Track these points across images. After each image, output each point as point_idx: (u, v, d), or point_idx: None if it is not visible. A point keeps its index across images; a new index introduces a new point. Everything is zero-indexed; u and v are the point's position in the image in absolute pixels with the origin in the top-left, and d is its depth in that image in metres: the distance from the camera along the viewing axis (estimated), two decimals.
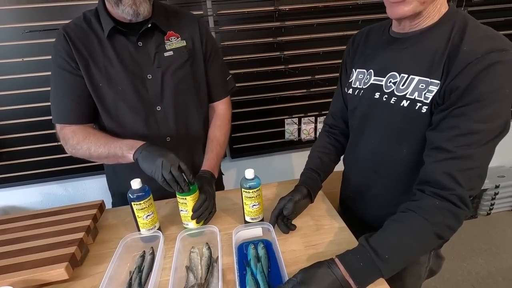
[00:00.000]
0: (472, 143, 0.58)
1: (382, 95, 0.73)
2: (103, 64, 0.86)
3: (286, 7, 1.47)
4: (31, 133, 1.52)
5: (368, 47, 0.81)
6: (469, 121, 0.57)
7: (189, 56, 0.93)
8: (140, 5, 0.80)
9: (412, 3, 0.62)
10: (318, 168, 0.91)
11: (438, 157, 0.61)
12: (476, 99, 0.56)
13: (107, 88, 0.87)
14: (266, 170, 1.75)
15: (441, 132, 0.61)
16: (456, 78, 0.58)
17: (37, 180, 1.64)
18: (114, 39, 0.86)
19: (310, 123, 1.76)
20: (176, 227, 0.88)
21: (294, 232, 0.82)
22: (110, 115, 0.91)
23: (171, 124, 0.95)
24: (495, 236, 1.99)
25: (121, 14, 0.81)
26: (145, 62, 0.89)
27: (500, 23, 1.64)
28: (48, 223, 0.83)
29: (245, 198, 0.80)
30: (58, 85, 0.88)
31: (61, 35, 0.84)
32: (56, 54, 0.86)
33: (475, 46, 0.58)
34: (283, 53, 1.56)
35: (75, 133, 0.88)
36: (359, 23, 1.54)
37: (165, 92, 0.92)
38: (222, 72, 1.05)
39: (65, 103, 0.88)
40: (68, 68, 0.85)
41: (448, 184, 0.59)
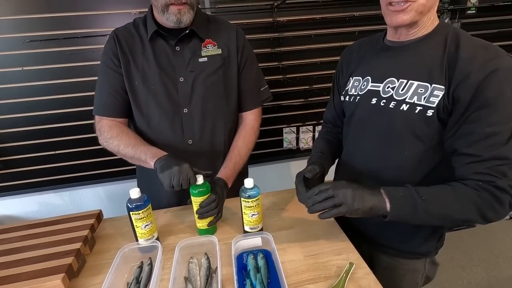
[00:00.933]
0: (494, 144, 0.61)
1: (379, 101, 0.75)
2: (141, 63, 0.93)
3: (284, 19, 1.50)
4: (28, 142, 1.51)
5: (362, 56, 0.84)
6: (482, 126, 0.61)
7: (223, 64, 0.96)
8: (184, 15, 0.86)
9: (410, 13, 0.65)
10: (325, 152, 0.93)
11: (465, 161, 0.64)
12: (484, 105, 0.60)
13: (141, 85, 0.93)
14: (264, 179, 1.75)
15: (460, 139, 0.64)
16: (461, 85, 0.62)
17: (33, 189, 1.62)
18: (155, 42, 0.93)
19: (308, 132, 1.77)
20: (175, 237, 0.87)
21: (293, 242, 0.82)
22: (141, 112, 0.96)
23: (195, 128, 0.97)
24: (494, 245, 1.98)
25: (165, 21, 0.88)
26: (180, 66, 0.94)
27: (493, 35, 1.68)
28: (45, 233, 0.82)
29: (244, 207, 0.80)
30: (102, 80, 0.96)
31: (112, 37, 0.94)
32: (104, 53, 0.95)
33: (473, 54, 0.62)
34: (281, 63, 1.59)
35: (111, 128, 0.94)
36: (356, 34, 1.57)
37: (194, 95, 0.95)
38: (256, 83, 1.06)
39: (105, 97, 0.95)
40: (111, 66, 0.93)
41: (484, 178, 0.62)
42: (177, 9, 0.84)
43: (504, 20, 1.68)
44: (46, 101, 1.46)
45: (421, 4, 0.64)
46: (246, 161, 1.05)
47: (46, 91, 1.44)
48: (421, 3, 0.64)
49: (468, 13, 1.63)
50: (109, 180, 1.68)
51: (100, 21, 1.39)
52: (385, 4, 0.68)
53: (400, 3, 0.65)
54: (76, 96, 1.47)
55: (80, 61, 1.42)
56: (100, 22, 1.39)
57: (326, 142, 0.98)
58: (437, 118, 0.67)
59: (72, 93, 1.47)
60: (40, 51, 1.38)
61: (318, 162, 0.87)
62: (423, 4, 0.65)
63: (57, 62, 1.41)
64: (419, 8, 0.65)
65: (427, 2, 0.65)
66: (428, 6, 0.66)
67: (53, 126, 1.51)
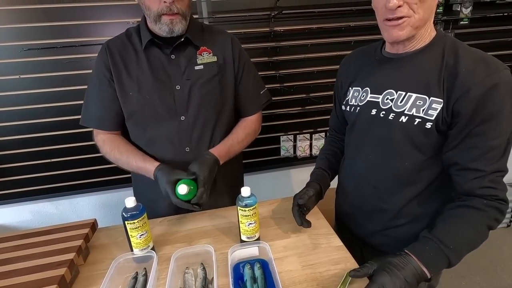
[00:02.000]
0: (495, 157, 0.65)
1: (379, 112, 0.76)
2: (135, 73, 0.93)
3: (281, 28, 1.52)
4: (23, 150, 1.50)
5: (361, 67, 0.85)
6: (486, 140, 0.64)
7: (219, 71, 0.97)
8: (176, 25, 0.87)
9: (406, 28, 0.66)
10: (326, 167, 0.97)
11: (470, 176, 0.66)
12: (486, 119, 0.62)
13: (136, 96, 0.93)
14: (261, 187, 1.74)
15: (463, 153, 0.66)
16: (461, 99, 0.63)
17: (27, 198, 1.60)
18: (149, 51, 0.93)
19: (306, 140, 1.78)
20: (171, 246, 0.86)
21: (290, 251, 0.81)
22: (136, 123, 0.97)
23: (193, 135, 0.97)
24: (492, 253, 1.98)
25: (158, 31, 0.88)
26: (176, 74, 0.93)
27: (485, 45, 1.71)
28: (38, 244, 0.81)
29: (241, 216, 0.80)
30: (93, 92, 0.96)
31: (103, 48, 0.94)
32: (96, 65, 0.95)
33: (473, 68, 0.63)
34: (279, 71, 1.60)
35: (104, 144, 0.97)
36: (352, 44, 1.59)
37: (191, 103, 0.95)
38: (255, 88, 1.07)
39: (98, 110, 0.96)
40: (102, 78, 0.93)
41: (489, 192, 0.66)
42: (169, 19, 0.85)
43: (496, 31, 1.72)
44: (41, 109, 1.45)
45: (417, 19, 0.65)
46: (241, 149, 1.04)
47: (43, 99, 1.44)
48: (417, 18, 0.65)
49: (461, 24, 1.67)
50: (104, 189, 1.67)
51: (99, 30, 1.40)
52: (381, 19, 0.69)
53: (395, 19, 0.66)
54: (73, 104, 1.46)
55: (77, 69, 1.42)
56: (98, 31, 1.40)
57: (329, 154, 1.00)
58: (436, 131, 0.68)
59: (69, 101, 1.46)
60: (38, 59, 1.38)
61: (314, 182, 0.92)
62: (419, 19, 0.65)
63: (55, 70, 1.41)
64: (415, 23, 0.66)
65: (423, 16, 0.66)
66: (424, 20, 0.67)
67: (48, 134, 1.49)
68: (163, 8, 0.83)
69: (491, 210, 0.66)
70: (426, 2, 0.64)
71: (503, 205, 0.66)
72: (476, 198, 0.66)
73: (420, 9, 0.64)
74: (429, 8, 0.66)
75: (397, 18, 0.65)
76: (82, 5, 1.35)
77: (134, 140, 0.99)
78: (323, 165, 0.98)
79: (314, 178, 0.95)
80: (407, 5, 0.64)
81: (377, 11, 0.70)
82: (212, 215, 0.99)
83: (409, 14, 0.65)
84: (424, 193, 0.76)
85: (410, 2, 0.63)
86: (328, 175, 0.96)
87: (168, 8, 0.83)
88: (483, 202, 0.66)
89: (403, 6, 0.64)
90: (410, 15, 0.65)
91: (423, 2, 0.64)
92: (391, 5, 0.63)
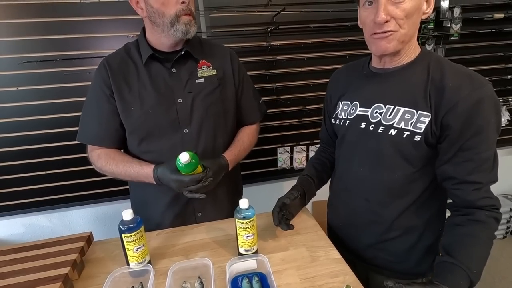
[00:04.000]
0: (488, 168, 0.67)
1: (368, 125, 0.77)
2: (137, 88, 0.93)
3: (277, 43, 1.56)
4: (16, 162, 1.48)
5: (350, 81, 0.87)
6: (478, 153, 0.66)
7: (219, 84, 0.98)
8: (192, 26, 0.89)
9: (392, 41, 0.69)
10: (312, 175, 0.98)
11: (469, 189, 0.69)
12: (476, 132, 0.65)
13: (139, 111, 0.93)
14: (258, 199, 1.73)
15: (458, 166, 0.68)
16: (450, 113, 0.66)
17: (19, 211, 1.57)
18: (150, 66, 0.94)
19: (302, 151, 1.79)
20: (168, 260, 0.85)
21: (289, 263, 0.81)
22: (138, 138, 0.96)
23: (196, 147, 0.97)
24: (489, 265, 1.95)
25: (173, 34, 0.88)
26: (177, 87, 0.94)
27: (475, 60, 1.77)
28: (31, 258, 0.79)
29: (239, 228, 0.79)
30: (91, 109, 0.96)
31: (102, 65, 0.94)
32: (94, 81, 0.95)
33: (459, 83, 0.66)
34: (275, 84, 1.63)
35: (100, 158, 0.95)
36: (346, 57, 1.63)
37: (194, 115, 0.96)
38: (255, 99, 1.11)
39: (96, 126, 0.95)
40: (102, 95, 0.93)
41: (488, 203, 0.68)
42: (189, 19, 0.87)
43: (485, 46, 1.78)
44: (38, 120, 1.45)
45: (403, 34, 0.68)
46: (245, 156, 1.07)
47: (39, 111, 1.44)
48: (402, 33, 0.68)
49: (451, 39, 1.72)
50: (100, 201, 1.64)
51: (98, 43, 1.42)
52: (369, 34, 0.72)
53: (382, 33, 0.69)
54: (69, 116, 1.47)
55: (76, 81, 1.43)
56: (98, 44, 1.42)
57: (317, 163, 1.02)
58: (425, 143, 0.70)
59: (66, 113, 1.46)
60: (37, 72, 1.39)
61: (299, 186, 0.93)
62: (404, 34, 0.69)
63: (53, 82, 1.41)
64: (401, 38, 0.69)
65: (408, 32, 0.69)
66: (410, 35, 0.70)
67: (44, 146, 1.49)
68: (182, 9, 0.85)
69: (492, 221, 0.68)
70: (412, 18, 0.68)
71: (499, 214, 0.69)
72: (479, 210, 0.68)
73: (406, 25, 0.68)
74: (414, 24, 0.69)
75: (384, 32, 0.68)
76: (82, 19, 1.37)
77: (137, 154, 0.98)
78: (309, 172, 0.99)
79: (299, 182, 0.96)
80: (394, 20, 0.67)
81: (365, 27, 0.73)
82: (210, 228, 0.99)
83: (395, 29, 0.68)
84: (414, 205, 0.77)
85: (396, 17, 0.67)
86: (313, 182, 0.96)
87: (187, 8, 0.86)
88: (485, 214, 0.68)
89: (390, 21, 0.67)
90: (397, 30, 0.68)
91: (408, 18, 0.67)
92: (379, 19, 0.66)
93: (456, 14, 1.66)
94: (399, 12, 0.66)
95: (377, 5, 0.67)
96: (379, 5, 0.66)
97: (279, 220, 0.84)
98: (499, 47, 1.80)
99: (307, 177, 0.97)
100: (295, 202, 0.88)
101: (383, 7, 0.66)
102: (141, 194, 1.04)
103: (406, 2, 0.66)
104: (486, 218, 0.68)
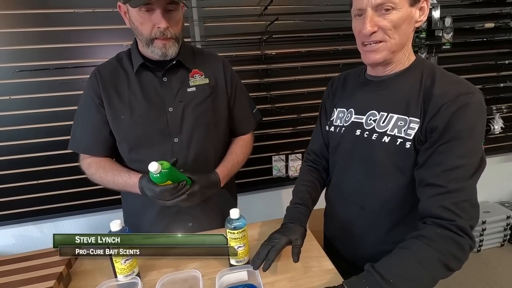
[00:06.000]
0: (459, 177, 0.62)
1: (363, 132, 0.77)
2: (127, 97, 0.93)
3: (272, 52, 1.57)
4: (8, 172, 1.46)
5: (346, 89, 0.87)
6: (451, 157, 0.63)
7: (211, 93, 0.98)
8: (169, 48, 0.87)
9: (382, 52, 0.69)
10: (308, 204, 0.90)
11: (431, 192, 0.64)
12: (454, 137, 0.62)
13: (128, 120, 0.92)
14: (253, 208, 1.72)
15: (428, 169, 0.65)
16: (434, 118, 0.64)
17: (10, 221, 1.54)
18: (141, 75, 0.93)
19: (297, 160, 1.78)
20: (157, 272, 0.83)
21: (281, 275, 0.79)
22: (128, 147, 0.95)
23: (187, 156, 0.96)
24: (488, 275, 1.95)
25: (151, 54, 0.89)
26: (168, 96, 0.94)
27: (467, 68, 1.80)
28: (15, 271, 0.77)
29: (230, 239, 0.78)
30: (82, 117, 0.96)
31: (93, 74, 0.94)
32: (85, 91, 0.95)
33: (446, 89, 0.65)
34: (270, 93, 1.63)
35: (90, 166, 0.95)
36: (340, 66, 1.65)
37: (185, 125, 0.95)
38: (249, 108, 1.10)
39: (86, 135, 0.95)
40: (91, 104, 0.93)
41: (447, 215, 0.61)
42: (162, 44, 0.86)
43: (476, 55, 1.81)
44: (29, 129, 1.44)
45: (393, 44, 0.68)
46: (238, 169, 1.06)
47: (32, 120, 1.43)
48: (392, 42, 0.68)
49: (443, 48, 1.75)
50: (92, 211, 1.62)
51: (92, 52, 1.42)
52: (359, 44, 0.73)
53: (372, 44, 0.69)
54: (62, 125, 1.46)
55: (69, 90, 1.43)
56: (92, 53, 1.42)
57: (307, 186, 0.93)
58: (414, 150, 0.69)
59: (59, 121, 1.46)
60: (30, 81, 1.38)
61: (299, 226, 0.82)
62: (395, 44, 0.69)
63: (46, 91, 1.41)
64: (391, 48, 0.69)
65: (399, 41, 0.69)
66: (401, 45, 0.70)
67: (36, 155, 1.47)
68: (156, 33, 0.84)
69: (444, 242, 0.60)
70: (401, 28, 0.67)
71: (462, 238, 0.59)
72: (430, 226, 0.62)
73: (395, 34, 0.68)
74: (405, 33, 0.69)
75: (374, 42, 0.69)
76: (76, 29, 1.38)
77: (127, 163, 0.98)
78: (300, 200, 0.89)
79: (298, 220, 0.84)
80: (382, 30, 0.67)
81: (356, 37, 0.74)
82: None
83: (384, 39, 0.68)
84: (409, 218, 0.75)
85: (384, 28, 0.67)
86: (308, 211, 0.88)
87: (162, 33, 0.85)
88: (437, 231, 0.61)
89: (378, 31, 0.67)
90: (386, 40, 0.68)
91: (397, 28, 0.67)
92: (366, 31, 0.67)
93: (447, 24, 1.69)
94: (386, 23, 0.66)
95: (364, 16, 0.67)
96: (365, 17, 0.67)
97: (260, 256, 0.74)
98: (491, 55, 1.82)
99: (303, 208, 0.87)
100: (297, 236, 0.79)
101: (370, 19, 0.66)
102: (133, 203, 1.03)
103: (393, 13, 0.65)
104: (435, 236, 0.60)
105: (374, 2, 0.65)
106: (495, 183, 2.08)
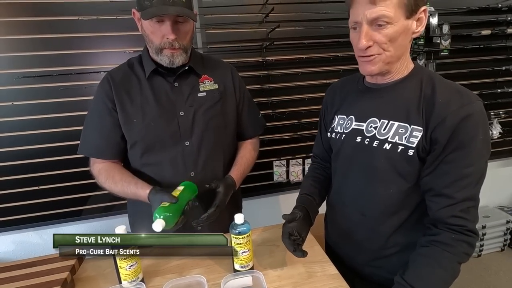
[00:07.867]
0: (467, 185, 0.66)
1: (363, 139, 0.78)
2: (139, 101, 0.94)
3: (273, 58, 1.59)
4: (9, 178, 1.46)
5: (345, 96, 0.88)
6: (458, 167, 0.66)
7: (220, 98, 1.01)
8: (177, 58, 0.90)
9: (377, 64, 0.70)
10: (312, 193, 0.94)
11: (442, 203, 0.68)
12: (459, 147, 0.65)
13: (140, 123, 0.94)
14: (254, 213, 1.71)
15: (437, 179, 0.68)
16: (438, 128, 0.66)
17: (10, 227, 1.53)
18: (153, 80, 0.96)
19: (298, 165, 1.79)
20: (161, 277, 0.83)
21: (285, 280, 0.79)
22: (140, 150, 0.96)
23: (197, 159, 0.98)
24: (489, 279, 1.95)
25: (159, 61, 0.92)
26: (179, 101, 0.96)
27: (464, 74, 1.82)
28: (19, 277, 0.77)
29: (234, 244, 0.78)
30: (93, 122, 0.97)
31: (105, 79, 0.95)
32: (97, 95, 0.96)
33: (448, 98, 0.67)
34: (271, 98, 1.65)
35: (100, 173, 0.96)
36: (340, 72, 1.66)
37: (195, 128, 0.97)
38: (255, 113, 1.15)
39: (98, 140, 0.96)
40: (104, 109, 0.94)
41: (458, 222, 0.66)
42: (170, 53, 0.89)
43: (473, 61, 1.83)
44: (31, 135, 1.44)
45: (388, 56, 0.69)
46: (248, 172, 1.09)
47: (34, 126, 1.43)
48: (388, 55, 0.68)
49: (441, 55, 1.77)
50: (92, 217, 1.61)
51: (96, 59, 1.43)
52: (356, 55, 0.74)
53: (366, 57, 0.70)
54: (65, 130, 1.46)
55: (72, 96, 1.43)
56: (95, 59, 1.43)
57: (314, 181, 0.98)
58: (417, 158, 0.70)
59: (61, 127, 1.46)
60: (33, 87, 1.39)
61: (300, 206, 0.89)
62: (390, 56, 0.69)
63: (49, 97, 1.42)
64: (386, 60, 0.69)
65: (395, 53, 0.69)
66: (396, 56, 0.70)
67: (36, 161, 1.47)
68: (165, 43, 0.87)
69: (460, 244, 0.66)
70: (397, 41, 0.67)
71: (472, 238, 0.67)
72: (444, 232, 0.67)
73: (390, 47, 0.68)
74: (401, 45, 0.69)
75: (368, 56, 0.69)
76: (80, 36, 1.39)
77: (138, 167, 0.99)
78: (308, 191, 0.94)
79: (300, 202, 0.91)
80: (377, 44, 0.67)
81: (353, 47, 0.74)
82: None
83: (379, 52, 0.68)
84: (409, 221, 0.76)
85: (380, 42, 0.67)
86: (314, 200, 0.92)
87: (170, 44, 0.87)
88: (452, 236, 0.66)
89: (374, 46, 0.68)
90: (381, 53, 0.68)
91: (393, 41, 0.67)
92: (360, 46, 0.68)
93: (445, 31, 1.72)
94: (382, 38, 0.66)
95: (359, 31, 0.68)
96: (360, 32, 0.67)
97: (295, 248, 0.77)
98: (488, 62, 1.85)
99: (306, 196, 0.93)
100: (301, 223, 0.82)
101: (364, 34, 0.66)
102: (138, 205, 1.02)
103: (388, 28, 0.65)
104: (451, 241, 0.66)
105: (369, 16, 0.65)
106: (494, 188, 2.09)
